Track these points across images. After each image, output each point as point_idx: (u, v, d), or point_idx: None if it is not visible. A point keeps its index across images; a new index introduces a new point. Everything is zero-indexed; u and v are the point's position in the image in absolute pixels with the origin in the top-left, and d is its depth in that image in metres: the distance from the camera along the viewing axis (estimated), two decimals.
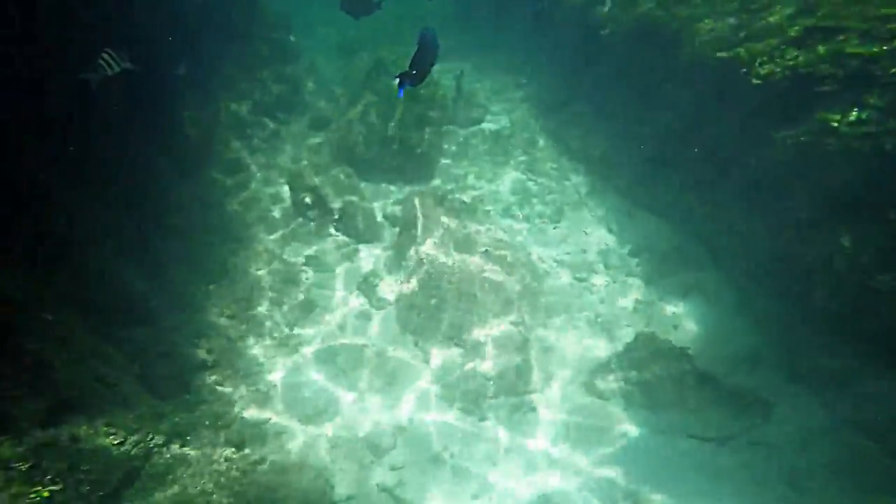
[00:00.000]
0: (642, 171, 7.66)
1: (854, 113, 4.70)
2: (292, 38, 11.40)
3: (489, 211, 8.21)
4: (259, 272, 7.09)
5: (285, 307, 6.76)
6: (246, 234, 7.70)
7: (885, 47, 4.60)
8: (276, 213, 8.19)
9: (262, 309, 6.68)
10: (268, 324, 6.53)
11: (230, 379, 5.74)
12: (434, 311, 6.41)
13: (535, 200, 8.41)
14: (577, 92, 9.12)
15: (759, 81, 5.37)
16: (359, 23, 7.81)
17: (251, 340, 6.30)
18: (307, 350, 6.33)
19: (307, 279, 7.23)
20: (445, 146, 9.54)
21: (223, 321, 6.27)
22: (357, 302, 6.96)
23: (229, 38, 9.62)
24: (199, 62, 8.17)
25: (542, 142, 9.45)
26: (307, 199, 7.74)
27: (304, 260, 7.45)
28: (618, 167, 7.99)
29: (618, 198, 8.12)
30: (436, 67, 4.63)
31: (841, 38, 4.90)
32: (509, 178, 8.88)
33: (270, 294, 6.86)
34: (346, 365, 6.14)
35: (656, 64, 7.08)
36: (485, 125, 10.22)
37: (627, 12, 7.67)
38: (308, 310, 6.76)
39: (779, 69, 5.26)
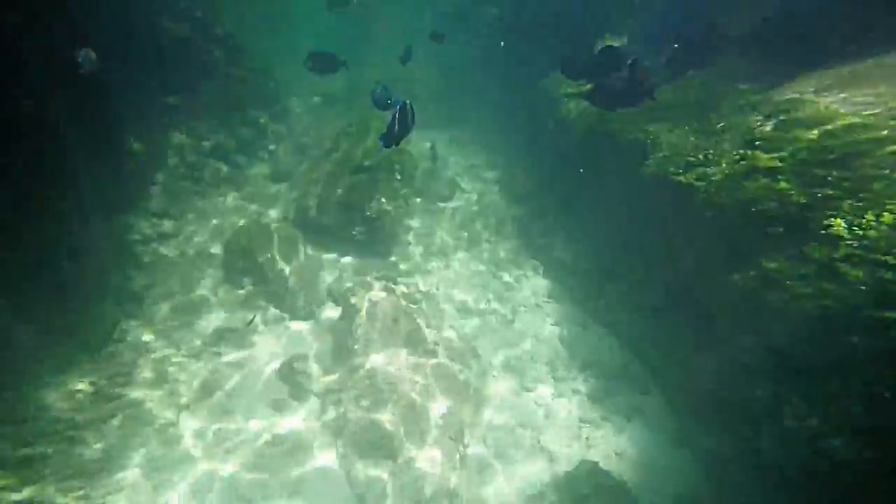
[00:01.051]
0: (598, 283, 7.56)
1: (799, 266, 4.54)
2: (272, 84, 11.13)
3: (442, 305, 7.81)
4: (154, 342, 6.29)
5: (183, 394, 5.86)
6: (154, 293, 6.90)
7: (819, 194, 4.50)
8: (203, 273, 7.44)
9: (140, 394, 5.72)
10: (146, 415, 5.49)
11: None
12: (365, 417, 5.75)
13: (491, 296, 8.11)
14: (549, 184, 9.16)
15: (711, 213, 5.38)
16: (348, 74, 7.72)
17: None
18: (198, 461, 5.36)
19: (217, 357, 6.45)
20: (409, 221, 9.24)
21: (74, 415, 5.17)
22: (276, 392, 6.22)
23: (206, 75, 9.21)
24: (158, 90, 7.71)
25: (507, 231, 9.29)
26: (240, 263, 7.09)
27: (220, 333, 6.69)
28: (576, 275, 7.84)
29: (574, 307, 7.91)
30: (412, 136, 5.19)
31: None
32: (470, 267, 8.59)
33: (161, 374, 5.95)
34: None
35: (623, 172, 7.14)
36: (453, 203, 10.04)
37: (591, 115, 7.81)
38: (206, 394, 5.93)
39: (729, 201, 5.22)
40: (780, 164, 4.98)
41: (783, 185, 4.81)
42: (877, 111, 4.87)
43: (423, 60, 16.22)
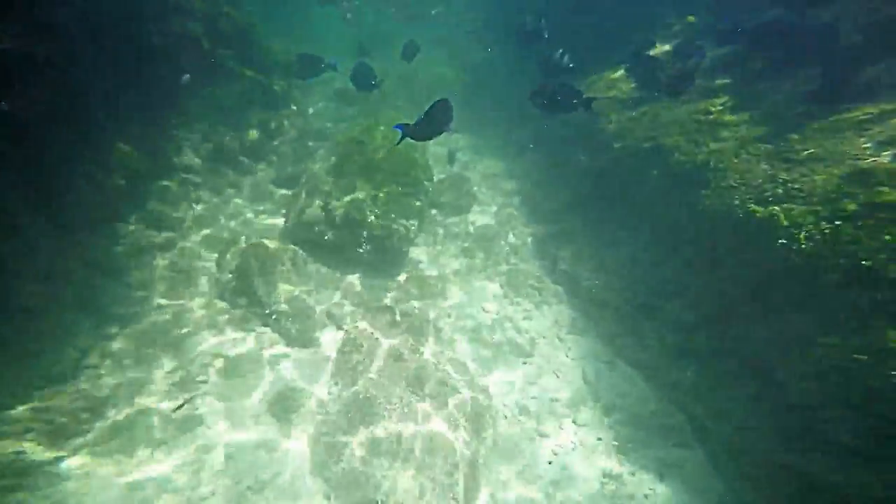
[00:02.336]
0: (632, 319, 6.69)
1: None
2: (283, 83, 10.52)
3: (453, 334, 7.06)
4: (136, 369, 5.69)
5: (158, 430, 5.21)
6: (137, 312, 6.33)
7: None
8: (195, 290, 6.86)
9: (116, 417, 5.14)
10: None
11: None
12: (360, 463, 5.07)
13: (508, 325, 7.32)
14: (575, 202, 8.22)
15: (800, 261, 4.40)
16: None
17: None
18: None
19: (204, 385, 5.83)
20: (422, 235, 8.52)
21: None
22: (263, 429, 5.58)
23: (212, 74, 8.63)
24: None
25: (527, 252, 8.49)
26: (233, 283, 6.48)
27: (207, 359, 6.08)
28: (605, 308, 6.98)
29: (600, 343, 7.06)
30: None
31: None
32: (485, 290, 7.82)
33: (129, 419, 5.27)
34: None
35: (673, 198, 6.20)
36: (470, 216, 9.28)
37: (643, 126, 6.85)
38: (186, 429, 5.32)
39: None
40: None
41: None
42: None
43: (445, 60, 15.54)
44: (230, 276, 6.60)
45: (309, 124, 11.22)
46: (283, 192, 8.96)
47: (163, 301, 6.56)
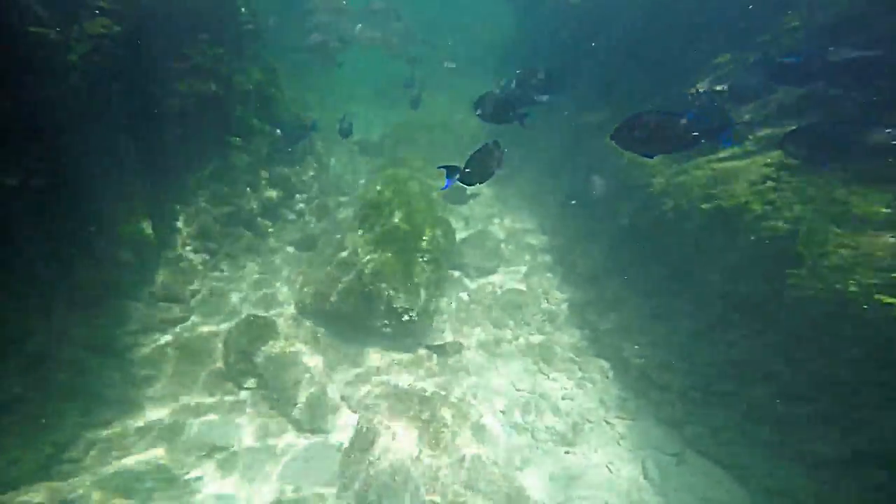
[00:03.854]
0: (703, 402, 5.63)
1: None
2: (305, 138, 10.31)
3: (480, 416, 6.16)
4: (123, 460, 5.05)
5: None
6: (138, 396, 5.76)
7: None
8: (201, 370, 6.25)
9: None
10: None
11: None
12: None
13: (544, 405, 6.38)
14: (617, 266, 7.31)
15: None
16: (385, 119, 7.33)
17: None
18: None
19: (194, 484, 5.10)
20: (445, 301, 7.80)
21: None
22: None
23: (231, 132, 8.43)
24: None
25: (564, 320, 7.60)
26: (240, 362, 5.87)
27: (204, 451, 5.39)
28: (664, 390, 5.96)
29: (661, 430, 5.99)
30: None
31: None
32: (514, 366, 6.93)
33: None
34: None
35: (746, 273, 5.13)
36: (496, 278, 8.52)
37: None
38: None
39: None
40: None
41: None
42: None
43: (465, 104, 15.30)
44: (238, 354, 6.00)
45: (330, 179, 10.95)
46: (302, 254, 8.49)
47: (164, 382, 5.98)
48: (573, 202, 8.51)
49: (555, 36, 10.43)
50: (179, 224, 7.19)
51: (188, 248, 7.26)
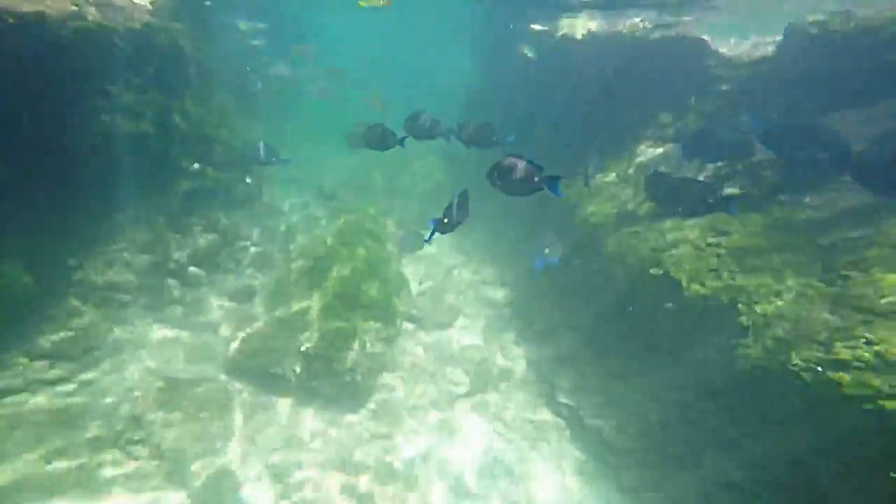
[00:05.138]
0: (661, 467, 5.31)
1: None
2: (250, 181, 9.80)
3: (429, 485, 5.54)
4: None
5: None
6: None
7: None
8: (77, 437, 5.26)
9: None
10: None
11: None
12: None
13: (498, 471, 5.84)
14: (573, 323, 7.08)
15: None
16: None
17: None
18: None
19: None
20: (395, 356, 7.24)
21: None
22: None
23: (160, 173, 7.77)
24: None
25: (520, 377, 7.20)
26: (136, 434, 5.03)
27: None
28: (622, 455, 5.61)
29: (621, 496, 5.58)
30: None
31: None
32: (471, 428, 6.41)
33: None
34: None
35: (697, 339, 5.01)
36: (453, 333, 8.09)
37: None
38: None
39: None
40: None
41: None
42: None
43: (421, 149, 15.29)
44: (130, 420, 5.14)
45: (278, 224, 10.36)
46: (235, 307, 7.73)
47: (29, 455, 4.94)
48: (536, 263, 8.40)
49: (514, 91, 10.74)
50: (81, 274, 6.33)
51: (89, 303, 6.36)
